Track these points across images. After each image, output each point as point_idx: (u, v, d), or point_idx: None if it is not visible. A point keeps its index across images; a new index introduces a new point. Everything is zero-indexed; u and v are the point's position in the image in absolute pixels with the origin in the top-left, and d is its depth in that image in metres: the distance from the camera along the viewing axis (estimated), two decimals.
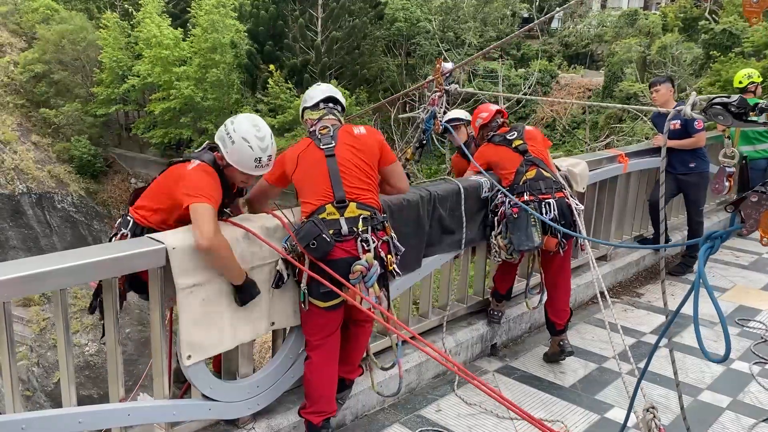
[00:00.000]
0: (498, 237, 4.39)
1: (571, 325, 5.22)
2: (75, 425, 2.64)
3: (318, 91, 3.56)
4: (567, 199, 4.36)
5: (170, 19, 27.26)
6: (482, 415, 3.93)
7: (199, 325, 2.91)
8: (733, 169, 5.62)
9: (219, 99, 26.21)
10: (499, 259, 4.47)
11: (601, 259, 6.01)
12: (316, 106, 3.50)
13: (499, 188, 4.42)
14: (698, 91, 19.45)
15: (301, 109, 3.62)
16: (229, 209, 3.27)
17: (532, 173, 4.37)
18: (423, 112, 4.49)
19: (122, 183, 28.32)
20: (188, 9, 28.38)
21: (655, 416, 3.02)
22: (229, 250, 2.91)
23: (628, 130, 21.29)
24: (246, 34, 27.67)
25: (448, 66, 4.40)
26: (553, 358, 4.62)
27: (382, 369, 3.65)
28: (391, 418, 3.82)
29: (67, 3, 30.96)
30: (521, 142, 4.55)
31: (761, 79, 7.02)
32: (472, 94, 21.86)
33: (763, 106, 2.46)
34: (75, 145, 27.10)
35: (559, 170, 4.73)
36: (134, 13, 27.55)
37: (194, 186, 2.92)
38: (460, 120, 5.11)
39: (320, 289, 3.06)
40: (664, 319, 5.24)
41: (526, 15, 34.09)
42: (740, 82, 7.09)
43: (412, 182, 4.47)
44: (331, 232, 3.04)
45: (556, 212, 4.28)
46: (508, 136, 4.59)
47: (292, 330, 3.45)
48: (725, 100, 2.43)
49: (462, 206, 4.34)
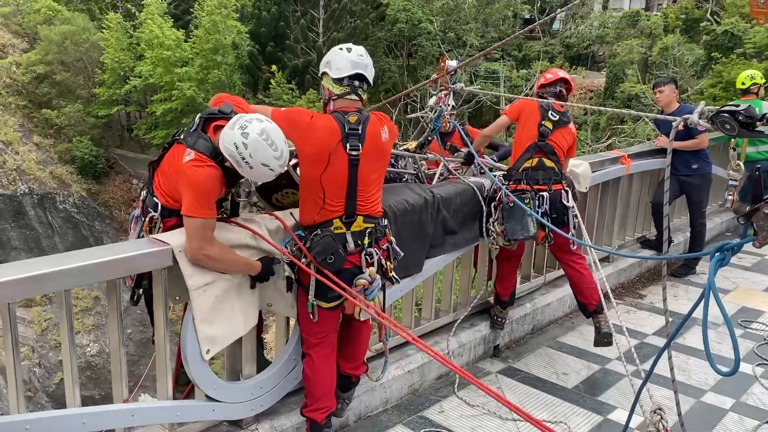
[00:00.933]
0: (495, 223, 4.36)
1: (574, 326, 5.24)
2: (79, 426, 2.64)
3: (347, 60, 3.04)
4: (563, 191, 4.36)
5: (172, 20, 27.29)
6: (485, 417, 3.93)
7: (215, 321, 2.94)
8: (736, 182, 5.65)
9: None
10: (496, 246, 4.43)
11: (604, 260, 6.00)
12: (340, 80, 3.05)
13: (494, 180, 4.41)
14: (700, 92, 19.46)
15: (321, 71, 3.17)
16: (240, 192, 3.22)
17: (534, 161, 4.34)
18: (431, 111, 4.46)
19: (124, 184, 28.33)
20: (190, 10, 28.42)
21: (662, 417, 3.01)
22: (224, 257, 2.87)
23: (629, 131, 21.28)
24: (248, 35, 27.72)
25: (453, 64, 4.37)
26: (598, 341, 4.43)
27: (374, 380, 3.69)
28: (394, 419, 3.82)
29: (69, 4, 31.00)
30: (551, 127, 4.39)
31: (764, 81, 7.00)
32: (473, 95, 21.87)
33: None
34: (77, 145, 27.12)
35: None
36: (137, 14, 27.58)
37: (190, 194, 2.77)
38: None
39: (328, 293, 3.04)
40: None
41: (527, 16, 34.13)
42: (743, 83, 7.08)
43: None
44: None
45: (547, 206, 4.30)
46: (551, 113, 4.38)
47: (294, 332, 3.45)
48: (733, 109, 2.42)
49: (465, 207, 4.32)
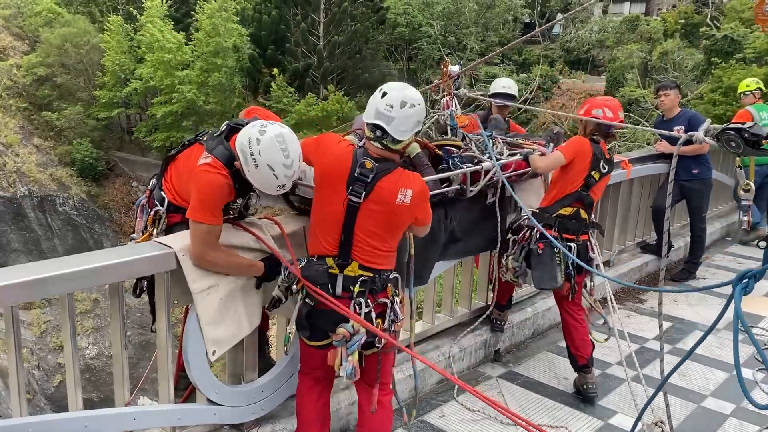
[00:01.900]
0: (510, 258, 4.19)
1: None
2: (81, 429, 2.64)
3: (373, 106, 2.84)
4: (588, 242, 4.18)
5: (173, 23, 27.34)
6: (486, 421, 3.93)
7: (220, 322, 2.95)
8: (749, 202, 5.65)
9: (221, 103, 26.30)
10: (505, 278, 4.32)
11: (605, 265, 6.00)
12: (368, 124, 2.88)
13: (527, 215, 4.07)
14: (699, 96, 19.50)
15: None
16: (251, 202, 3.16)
17: (571, 210, 4.10)
18: (441, 117, 4.43)
19: (124, 186, 28.34)
20: (191, 13, 28.48)
21: (663, 430, 3.02)
22: (227, 261, 2.87)
23: (629, 135, 21.31)
24: (248, 38, 27.79)
25: (456, 69, 4.39)
26: (583, 399, 4.26)
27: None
28: (395, 423, 3.81)
29: (70, 6, 31.07)
30: (597, 178, 4.15)
31: (758, 86, 7.15)
32: (473, 100, 21.87)
33: None
34: (77, 148, 27.14)
35: None
36: (138, 16, 27.63)
37: (197, 198, 2.75)
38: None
39: (302, 331, 2.96)
40: (668, 325, 5.25)
41: (527, 20, 34.19)
42: (747, 86, 7.19)
43: None
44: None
45: (575, 256, 4.06)
46: (602, 163, 4.12)
47: (295, 335, 3.45)
48: (739, 126, 2.41)
49: (469, 215, 4.27)
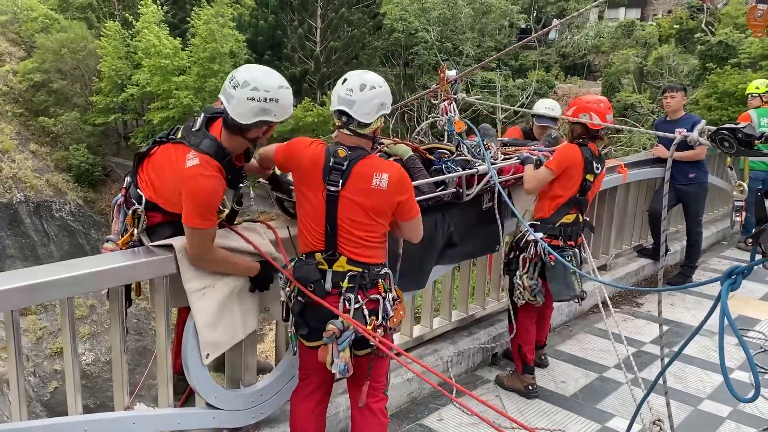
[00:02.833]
0: (524, 277, 4.12)
1: (571, 335, 5.26)
2: None
3: (335, 93, 2.91)
4: (583, 244, 4.27)
5: (169, 28, 27.37)
6: (483, 425, 3.94)
7: (216, 325, 2.95)
8: (741, 203, 5.67)
9: None
10: (522, 300, 4.17)
11: (601, 269, 6.03)
12: (334, 112, 2.95)
13: (529, 231, 4.04)
14: (695, 101, 19.59)
15: None
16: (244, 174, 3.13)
17: (571, 218, 4.12)
18: (439, 122, 4.45)
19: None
20: (188, 19, 28.52)
21: (661, 429, 3.03)
22: (225, 263, 2.92)
23: (626, 140, 21.39)
24: (245, 44, 27.80)
25: (453, 74, 4.40)
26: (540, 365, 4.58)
27: None
28: (393, 427, 3.83)
29: (67, 12, 31.08)
30: (592, 180, 4.15)
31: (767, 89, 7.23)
32: (470, 105, 21.95)
33: None
34: (73, 154, 27.13)
35: None
36: (134, 22, 27.66)
37: (191, 205, 2.73)
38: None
39: (299, 330, 2.96)
40: (664, 329, 5.26)
41: (523, 26, 34.32)
42: (757, 87, 7.28)
43: None
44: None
45: (577, 260, 4.15)
46: (594, 163, 4.13)
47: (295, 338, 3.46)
48: (733, 126, 2.43)
49: (466, 219, 4.28)
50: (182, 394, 3.26)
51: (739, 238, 7.71)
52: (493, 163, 4.20)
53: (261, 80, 2.79)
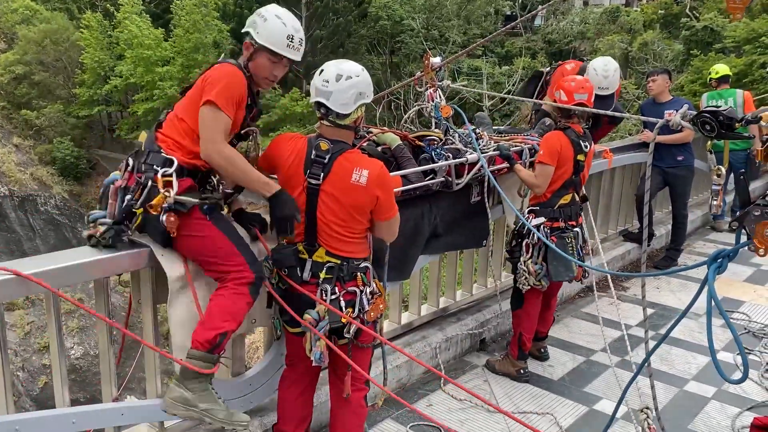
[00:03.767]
0: (528, 262, 4.15)
1: (558, 319, 5.30)
2: (69, 425, 2.64)
3: (312, 86, 2.90)
4: (583, 224, 4.32)
5: (151, 19, 27.05)
6: (473, 410, 3.97)
7: (190, 328, 2.88)
8: (719, 187, 5.74)
9: None
10: (527, 286, 4.18)
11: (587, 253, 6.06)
12: (314, 104, 2.92)
13: (523, 220, 4.09)
14: (679, 87, 19.69)
15: None
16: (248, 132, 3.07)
17: (568, 198, 4.18)
18: (425, 110, 4.43)
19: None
20: (171, 9, 28.20)
21: (648, 416, 3.07)
22: (237, 161, 2.76)
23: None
24: (229, 34, 27.54)
25: (437, 61, 4.39)
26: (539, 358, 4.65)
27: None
28: (383, 413, 3.85)
29: (47, 3, 30.61)
30: (583, 159, 4.19)
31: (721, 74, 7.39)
32: (456, 92, 21.92)
33: (749, 117, 2.49)
34: (57, 146, 26.82)
35: None
36: (115, 13, 27.33)
37: (214, 85, 2.73)
38: None
39: (283, 316, 2.97)
40: (651, 311, 5.32)
41: (508, 12, 34.25)
42: (717, 72, 7.43)
43: None
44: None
45: (581, 240, 4.22)
46: (582, 142, 4.16)
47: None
48: (714, 109, 2.46)
49: (452, 211, 4.27)
50: None
51: (711, 221, 7.87)
52: (484, 152, 4.21)
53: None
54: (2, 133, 26.69)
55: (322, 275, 2.86)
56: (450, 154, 4.01)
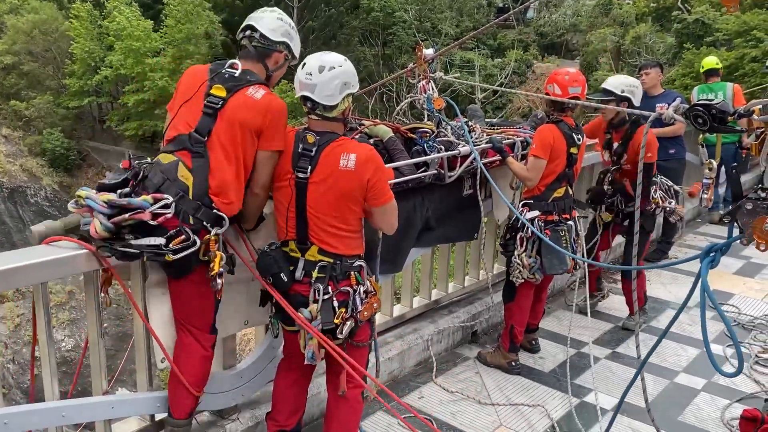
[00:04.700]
0: (522, 255, 4.13)
1: (549, 312, 5.32)
2: (58, 418, 2.62)
3: (296, 79, 2.86)
4: (577, 218, 4.33)
5: (141, 9, 26.82)
6: (464, 402, 3.98)
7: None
8: (710, 181, 5.77)
9: None
10: (521, 279, 4.18)
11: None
12: (300, 98, 2.89)
13: (519, 217, 4.09)
14: (671, 80, 19.73)
15: None
16: None
17: (561, 191, 4.19)
18: (418, 102, 4.41)
19: (96, 176, 27.83)
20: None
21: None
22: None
23: None
24: (221, 24, 27.38)
25: (430, 53, 4.37)
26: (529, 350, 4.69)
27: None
28: (374, 405, 3.85)
29: None
30: (576, 152, 4.20)
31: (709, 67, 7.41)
32: (448, 84, 21.90)
33: (742, 111, 2.50)
34: (47, 138, 26.60)
35: None
36: (105, 3, 27.08)
37: (279, 124, 2.81)
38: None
39: (278, 314, 2.94)
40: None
41: (501, 5, 34.19)
42: (705, 64, 7.46)
43: None
44: (291, 269, 2.83)
45: (575, 233, 4.22)
46: (575, 135, 4.18)
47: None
48: (707, 102, 2.46)
49: (444, 204, 4.27)
50: None
51: (704, 213, 7.90)
52: (477, 145, 4.20)
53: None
54: None
55: (315, 274, 2.81)
56: (442, 147, 4.00)
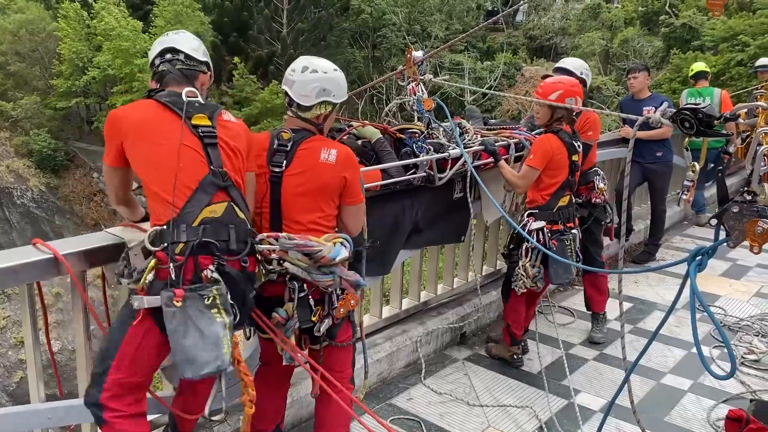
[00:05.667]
0: (527, 265, 4.11)
1: (537, 313, 5.33)
2: (44, 421, 2.61)
3: (285, 75, 2.89)
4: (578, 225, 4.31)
5: (130, 9, 26.68)
6: (452, 403, 3.99)
7: None
8: (691, 183, 5.80)
9: None
10: (523, 289, 4.17)
11: None
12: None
13: (517, 229, 4.00)
14: (658, 84, 19.88)
15: None
16: None
17: (566, 200, 4.15)
18: (408, 104, 4.41)
19: (84, 177, 27.66)
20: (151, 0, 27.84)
21: None
22: None
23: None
24: (210, 26, 27.29)
25: (419, 55, 4.38)
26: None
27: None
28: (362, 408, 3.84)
29: None
30: (578, 158, 4.17)
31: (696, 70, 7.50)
32: (438, 87, 21.96)
33: (728, 115, 2.53)
34: (34, 138, 26.36)
35: None
36: (93, 3, 26.91)
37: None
38: None
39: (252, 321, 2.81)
40: (629, 305, 5.38)
41: (490, 8, 34.31)
42: (692, 69, 7.54)
43: None
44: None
45: (576, 243, 4.19)
46: (575, 143, 4.14)
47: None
48: (694, 106, 2.48)
49: (433, 207, 4.26)
50: None
51: (703, 215, 7.94)
52: (468, 147, 4.18)
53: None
54: None
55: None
56: (431, 148, 4.00)
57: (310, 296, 2.76)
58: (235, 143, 2.62)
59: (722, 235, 2.39)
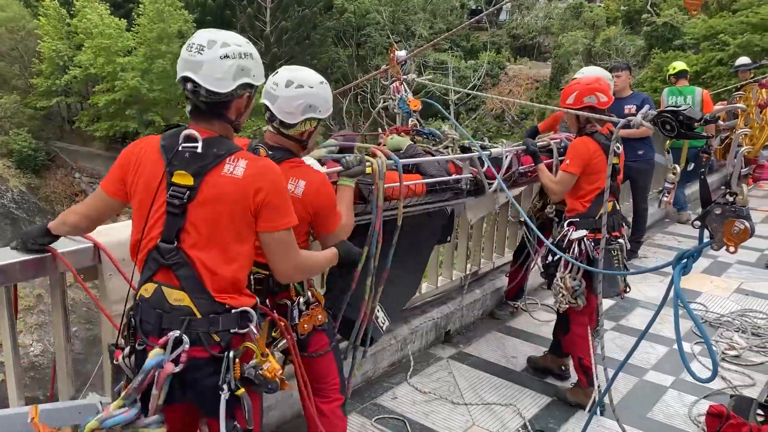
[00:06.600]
0: (566, 277, 3.77)
1: (521, 311, 5.36)
2: (23, 425, 2.56)
3: (265, 86, 2.63)
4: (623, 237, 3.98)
5: (112, 8, 26.44)
6: (437, 402, 3.99)
7: None
8: (672, 185, 5.86)
9: (165, 90, 25.59)
10: (564, 305, 3.81)
11: None
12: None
13: (531, 226, 3.80)
14: (640, 83, 20.06)
15: None
16: None
17: (609, 206, 3.61)
18: (390, 102, 4.38)
19: (65, 178, 27.39)
20: None
21: None
22: (312, 262, 2.50)
23: None
24: (194, 24, 27.12)
25: (403, 54, 4.37)
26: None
27: None
28: (348, 407, 3.83)
29: None
30: (618, 160, 3.85)
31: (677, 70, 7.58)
32: (422, 86, 21.96)
33: (708, 117, 2.55)
34: (14, 138, 26.04)
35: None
36: (74, 0, 26.63)
37: (286, 201, 2.27)
38: None
39: None
40: (611, 303, 5.42)
41: (474, 7, 34.44)
42: (674, 68, 7.61)
43: None
44: None
45: (623, 253, 3.87)
46: (614, 146, 3.49)
47: None
48: (675, 109, 2.49)
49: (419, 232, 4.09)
50: None
51: (684, 213, 8.03)
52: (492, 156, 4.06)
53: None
54: None
55: (252, 287, 2.52)
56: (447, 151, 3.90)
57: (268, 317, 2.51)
58: (230, 204, 2.12)
59: (707, 237, 2.40)
